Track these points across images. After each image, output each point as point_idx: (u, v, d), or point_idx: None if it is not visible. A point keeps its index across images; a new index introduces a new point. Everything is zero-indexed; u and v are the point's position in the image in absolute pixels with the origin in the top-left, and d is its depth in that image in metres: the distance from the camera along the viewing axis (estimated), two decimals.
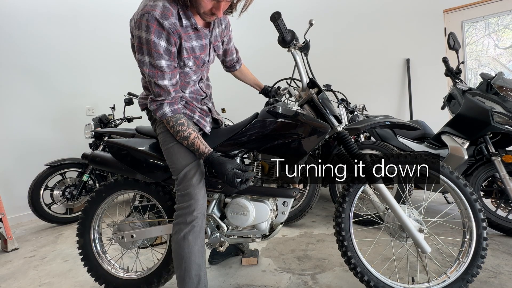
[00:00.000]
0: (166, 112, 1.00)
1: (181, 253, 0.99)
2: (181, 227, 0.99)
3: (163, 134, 1.09)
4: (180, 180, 1.02)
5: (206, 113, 1.19)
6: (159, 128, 1.11)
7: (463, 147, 1.84)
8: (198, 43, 1.01)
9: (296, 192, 1.15)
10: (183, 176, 1.02)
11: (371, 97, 3.65)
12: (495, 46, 3.17)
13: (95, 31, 3.67)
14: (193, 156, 1.05)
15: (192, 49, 1.00)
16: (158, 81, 0.95)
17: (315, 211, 2.60)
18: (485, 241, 1.07)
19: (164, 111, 1.00)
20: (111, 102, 3.78)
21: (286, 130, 1.09)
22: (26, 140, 2.90)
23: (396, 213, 1.07)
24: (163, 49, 0.90)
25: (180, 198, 1.02)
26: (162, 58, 0.91)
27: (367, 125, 1.26)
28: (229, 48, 1.29)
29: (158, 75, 0.94)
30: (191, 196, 0.99)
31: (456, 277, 1.08)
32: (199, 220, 1.00)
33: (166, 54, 0.92)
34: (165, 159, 1.09)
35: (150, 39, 0.87)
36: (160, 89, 0.97)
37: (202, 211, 1.02)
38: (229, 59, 1.35)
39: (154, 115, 1.05)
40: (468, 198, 1.09)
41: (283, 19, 1.03)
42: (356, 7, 3.75)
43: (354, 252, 1.13)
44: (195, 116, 1.13)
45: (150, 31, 0.86)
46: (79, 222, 1.29)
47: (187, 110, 1.12)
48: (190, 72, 1.07)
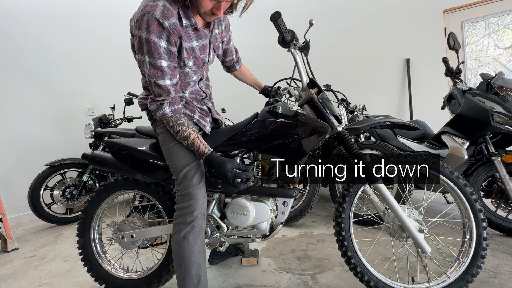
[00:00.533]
0: (167, 112, 1.00)
1: (181, 253, 0.99)
2: (181, 227, 0.99)
3: (163, 134, 1.08)
4: (180, 180, 1.02)
5: (206, 113, 1.20)
6: (159, 128, 1.11)
7: (463, 147, 1.84)
8: (198, 43, 1.01)
9: (296, 192, 1.15)
10: (183, 176, 1.02)
11: (371, 97, 3.65)
12: (495, 46, 3.17)
13: (95, 31, 3.67)
14: (193, 156, 1.05)
15: (192, 49, 1.00)
16: (159, 81, 0.95)
17: (315, 211, 2.60)
18: (485, 241, 1.07)
19: (164, 111, 1.00)
20: (111, 102, 3.78)
21: (286, 130, 1.09)
22: (26, 140, 2.90)
23: (396, 213, 1.07)
24: (163, 49, 0.90)
25: (180, 198, 1.02)
26: (162, 58, 0.91)
27: (367, 125, 1.26)
28: (229, 48, 1.29)
29: (159, 75, 0.94)
30: (191, 196, 1.00)
31: (456, 277, 1.08)
32: (199, 220, 1.01)
33: (166, 54, 0.92)
34: (165, 159, 1.09)
35: (151, 39, 0.87)
36: (160, 89, 0.97)
37: (202, 211, 1.02)
38: (229, 59, 1.35)
39: (154, 115, 1.05)
40: (468, 198, 1.09)
41: (283, 19, 1.03)
42: (356, 7, 3.75)
43: (354, 252, 1.13)
44: (195, 116, 1.13)
45: (151, 31, 0.86)
46: (79, 222, 1.29)
47: (187, 110, 1.12)
48: (190, 73, 1.07)
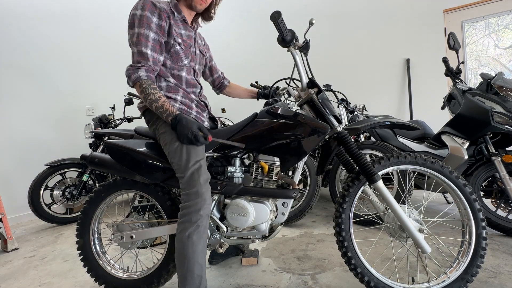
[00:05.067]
0: (141, 75, 1.01)
1: (185, 253, 0.98)
2: (186, 226, 0.99)
3: (166, 134, 1.08)
4: (187, 179, 1.02)
5: (203, 107, 1.22)
6: (161, 128, 1.11)
7: (463, 147, 1.84)
8: (185, 32, 1.13)
9: (296, 193, 1.14)
10: (190, 175, 1.01)
11: (371, 97, 3.65)
12: (495, 46, 3.17)
13: (95, 31, 3.67)
14: (200, 154, 1.05)
15: (180, 34, 1.10)
16: (141, 48, 1.00)
17: (315, 211, 2.60)
18: (484, 241, 1.07)
19: (139, 74, 1.01)
20: (111, 102, 3.80)
21: (285, 131, 1.08)
22: (26, 140, 2.90)
23: (396, 213, 1.07)
24: (154, 23, 1.01)
25: (186, 197, 1.01)
26: (150, 30, 1.01)
27: (367, 125, 1.26)
28: (213, 65, 1.43)
29: (143, 43, 1.00)
30: (199, 195, 1.00)
31: (456, 277, 1.07)
32: (204, 220, 1.00)
33: (156, 28, 1.02)
34: (166, 159, 1.09)
35: (144, 14, 1.00)
36: (141, 56, 1.01)
37: (207, 211, 1.02)
38: (216, 76, 1.45)
39: (129, 81, 1.04)
40: (467, 198, 1.09)
41: (283, 19, 1.03)
42: (356, 7, 3.75)
43: (354, 253, 1.13)
44: (192, 112, 1.15)
45: (145, 8, 1.01)
46: (78, 222, 1.29)
47: (184, 106, 1.13)
48: (180, 52, 1.11)
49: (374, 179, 1.09)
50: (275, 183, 1.18)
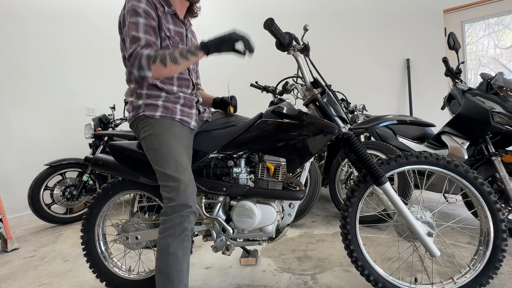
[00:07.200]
0: (148, 53, 0.93)
1: (169, 271, 0.89)
2: (170, 241, 0.90)
3: (150, 137, 1.01)
4: (172, 189, 0.93)
5: (191, 104, 1.13)
6: (144, 131, 1.04)
7: (463, 147, 1.84)
8: (174, 27, 1.09)
9: (303, 194, 1.12)
10: (177, 184, 0.93)
11: (371, 97, 3.66)
12: (495, 46, 3.17)
13: (95, 31, 3.67)
14: (187, 162, 1.00)
15: (168, 29, 1.06)
16: (133, 33, 0.95)
17: (315, 211, 2.61)
18: (502, 253, 1.01)
19: (144, 53, 0.93)
20: (111, 102, 3.80)
21: (291, 131, 1.06)
22: (26, 140, 2.90)
23: (404, 216, 1.04)
24: (142, 10, 0.97)
25: (169, 209, 0.91)
26: (139, 16, 0.97)
27: (376, 123, 1.24)
28: (197, 70, 1.31)
29: (133, 28, 0.96)
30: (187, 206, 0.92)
31: (462, 284, 1.04)
32: (189, 232, 0.93)
33: (145, 13, 0.98)
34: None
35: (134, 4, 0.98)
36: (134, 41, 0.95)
37: (192, 225, 0.95)
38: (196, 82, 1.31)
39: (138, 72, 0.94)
40: (490, 206, 1.03)
41: (277, 24, 1.01)
42: (356, 7, 3.75)
43: (357, 246, 1.13)
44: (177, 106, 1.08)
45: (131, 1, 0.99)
46: (84, 218, 1.28)
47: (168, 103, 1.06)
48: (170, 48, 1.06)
49: (381, 181, 1.06)
50: (281, 184, 1.15)
